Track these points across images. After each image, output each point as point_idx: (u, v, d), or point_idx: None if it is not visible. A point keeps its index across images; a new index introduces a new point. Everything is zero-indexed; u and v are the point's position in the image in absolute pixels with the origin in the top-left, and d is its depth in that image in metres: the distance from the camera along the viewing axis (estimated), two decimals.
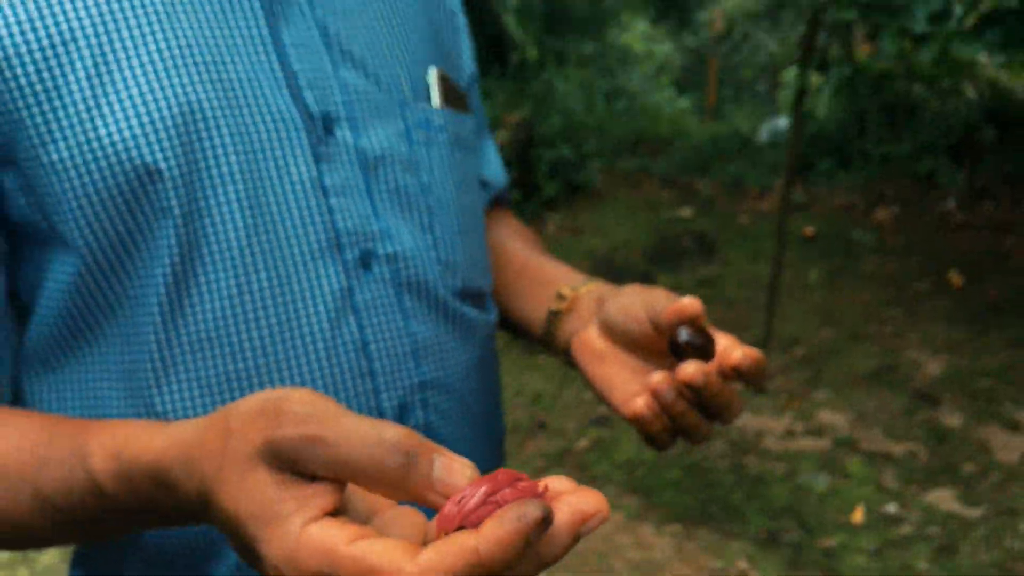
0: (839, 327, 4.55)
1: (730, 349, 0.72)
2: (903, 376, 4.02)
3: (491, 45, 7.14)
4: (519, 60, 7.53)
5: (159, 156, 0.66)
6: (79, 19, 0.66)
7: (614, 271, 5.06)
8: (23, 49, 0.65)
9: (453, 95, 0.86)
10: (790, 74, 8.96)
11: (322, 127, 0.73)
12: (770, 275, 4.00)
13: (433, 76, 0.84)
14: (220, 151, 0.68)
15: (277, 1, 0.73)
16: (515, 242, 1.00)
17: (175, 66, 0.67)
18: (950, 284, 4.88)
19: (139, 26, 0.67)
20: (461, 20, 0.96)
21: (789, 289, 4.84)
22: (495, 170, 1.01)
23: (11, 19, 0.65)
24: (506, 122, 5.74)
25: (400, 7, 0.83)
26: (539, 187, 6.04)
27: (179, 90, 0.67)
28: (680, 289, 4.99)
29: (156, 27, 0.67)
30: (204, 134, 0.68)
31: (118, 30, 0.67)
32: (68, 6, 0.66)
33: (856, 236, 5.44)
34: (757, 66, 13.62)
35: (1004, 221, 5.41)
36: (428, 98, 0.83)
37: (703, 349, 0.73)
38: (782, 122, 7.01)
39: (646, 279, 5.04)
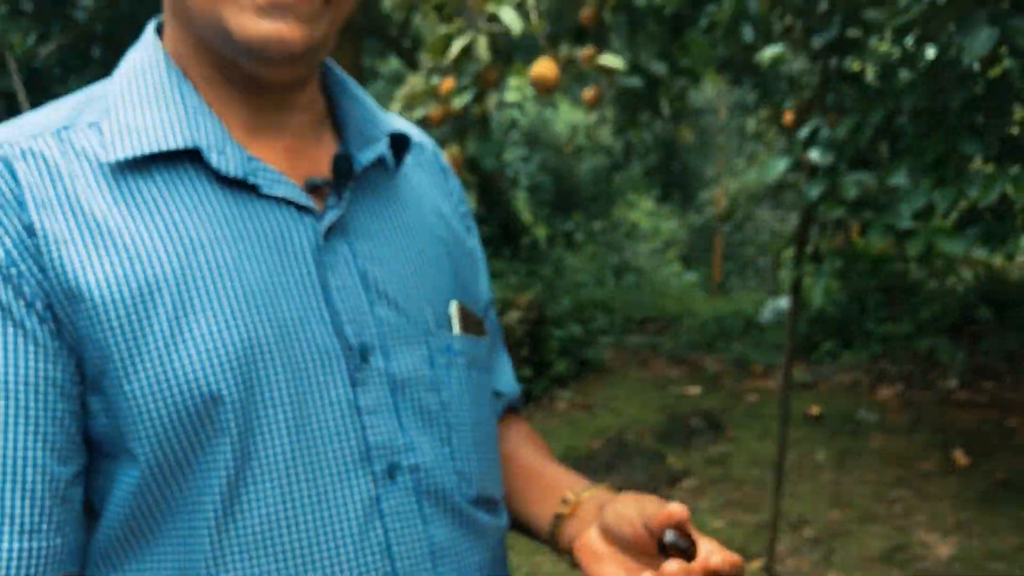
0: (848, 508, 4.57)
1: (712, 553, 0.80)
2: (914, 558, 4.02)
3: (503, 228, 7.46)
4: (529, 242, 7.84)
5: (223, 385, 0.78)
6: (163, 272, 0.78)
7: (625, 450, 5.13)
8: (117, 298, 0.77)
9: (471, 322, 1.00)
10: (789, 254, 9.25)
11: (359, 356, 0.85)
12: (777, 456, 4.07)
13: (454, 308, 0.97)
14: (273, 379, 0.80)
15: (326, 252, 0.85)
16: (525, 449, 1.12)
17: (240, 309, 0.79)
18: (956, 463, 4.92)
19: (212, 277, 0.79)
20: (479, 255, 1.11)
21: (797, 469, 4.88)
22: (508, 381, 1.13)
23: (106, 273, 0.77)
24: (517, 303, 5.95)
25: (428, 252, 0.97)
26: (549, 364, 6.19)
27: (242, 330, 0.79)
28: (690, 468, 5.03)
29: (226, 277, 0.80)
30: (261, 365, 0.80)
31: (194, 280, 0.79)
32: (155, 261, 0.78)
33: (861, 415, 5.52)
34: (760, 244, 14.02)
35: (1006, 399, 5.50)
36: (449, 327, 0.95)
37: (686, 551, 0.83)
38: (783, 302, 7.21)
39: (656, 458, 5.10)
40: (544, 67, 2.45)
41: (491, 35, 2.87)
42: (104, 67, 6.62)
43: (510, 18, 2.25)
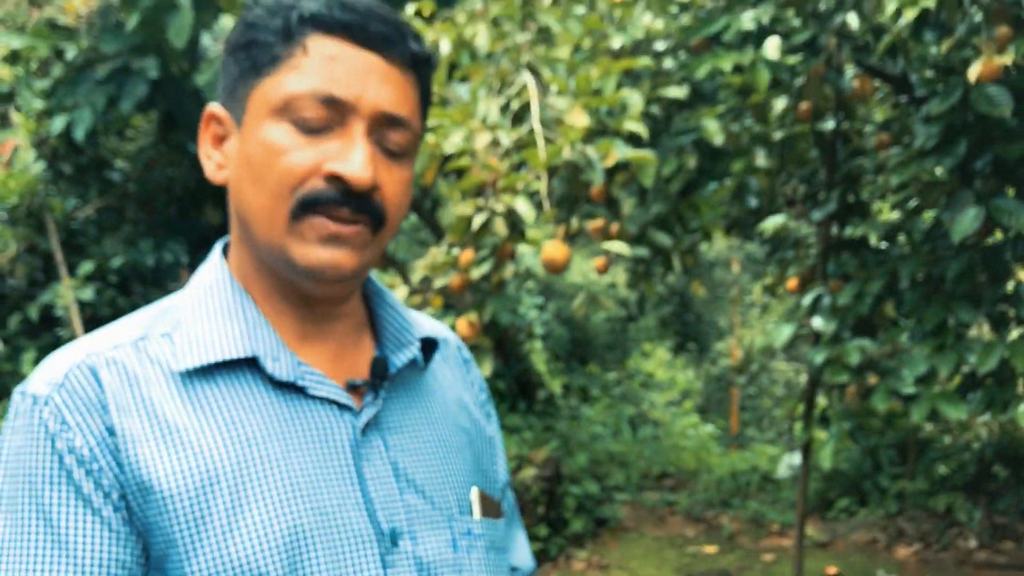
0: None
1: None
2: None
3: (518, 382, 7.58)
4: (545, 395, 7.94)
5: (270, 566, 0.89)
6: (222, 465, 0.90)
7: None
8: (182, 490, 0.88)
9: (489, 506, 1.11)
10: (793, 411, 9.28)
11: (389, 540, 0.96)
12: None
13: (474, 494, 1.08)
14: (314, 561, 0.92)
15: (363, 444, 0.97)
16: None
17: (287, 498, 0.91)
18: None
19: (263, 469, 0.91)
20: (498, 440, 1.23)
21: None
22: (524, 557, 1.23)
23: (173, 468, 0.89)
24: (533, 460, 6.01)
25: (452, 442, 1.09)
26: (566, 523, 6.19)
27: (289, 518, 0.91)
28: None
29: (275, 469, 0.91)
30: (304, 547, 0.91)
31: (249, 473, 0.90)
32: (216, 456, 0.90)
33: (879, 575, 5.46)
34: (776, 396, 14.04)
35: None
36: (471, 511, 1.06)
37: None
38: (798, 458, 7.23)
39: None
40: (554, 250, 2.63)
41: (508, 212, 3.09)
42: (135, 226, 6.93)
43: (525, 210, 2.45)
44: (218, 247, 1.06)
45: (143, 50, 5.83)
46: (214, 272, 1.02)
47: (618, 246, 2.73)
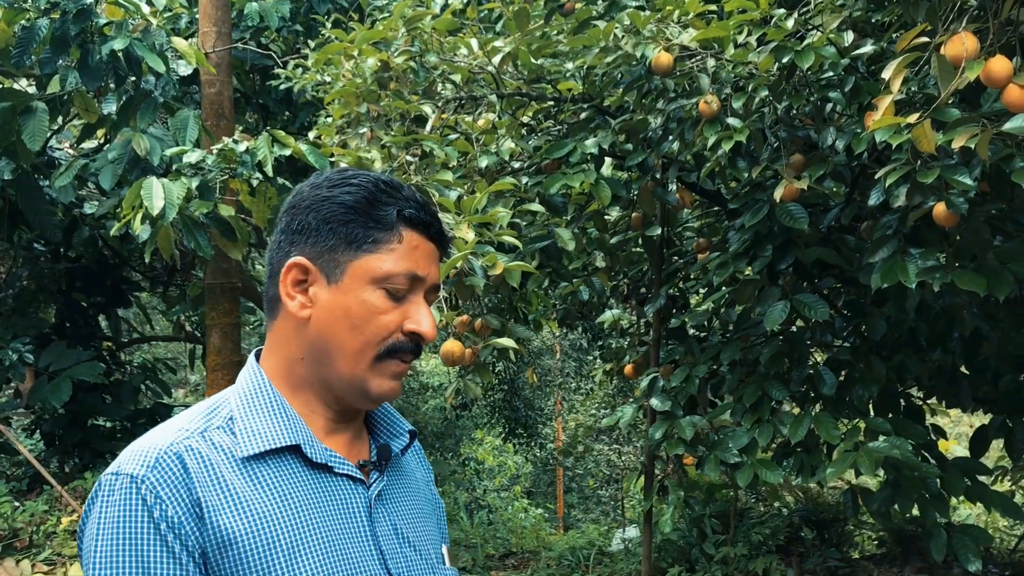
0: None
1: None
2: None
3: None
4: None
5: None
6: (280, 527, 1.17)
7: None
8: (252, 546, 1.15)
9: (451, 558, 1.46)
10: (634, 486, 9.92)
11: None
12: None
13: (444, 550, 1.44)
14: None
15: (375, 511, 1.27)
16: None
17: (328, 552, 1.19)
18: None
19: (309, 530, 1.19)
20: (442, 507, 1.58)
21: None
22: None
23: (245, 529, 1.15)
24: None
25: (425, 511, 1.43)
26: None
27: (330, 565, 1.18)
28: None
29: (317, 530, 1.19)
30: None
31: (299, 533, 1.18)
32: (274, 520, 1.17)
33: None
34: (600, 476, 14.71)
35: None
36: (444, 563, 1.41)
37: None
38: (632, 531, 7.77)
39: None
40: (452, 345, 3.05)
41: None
42: None
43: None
44: (252, 355, 1.34)
45: None
46: (254, 378, 1.29)
47: (505, 341, 3.16)
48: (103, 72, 5.41)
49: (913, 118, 2.77)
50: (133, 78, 5.58)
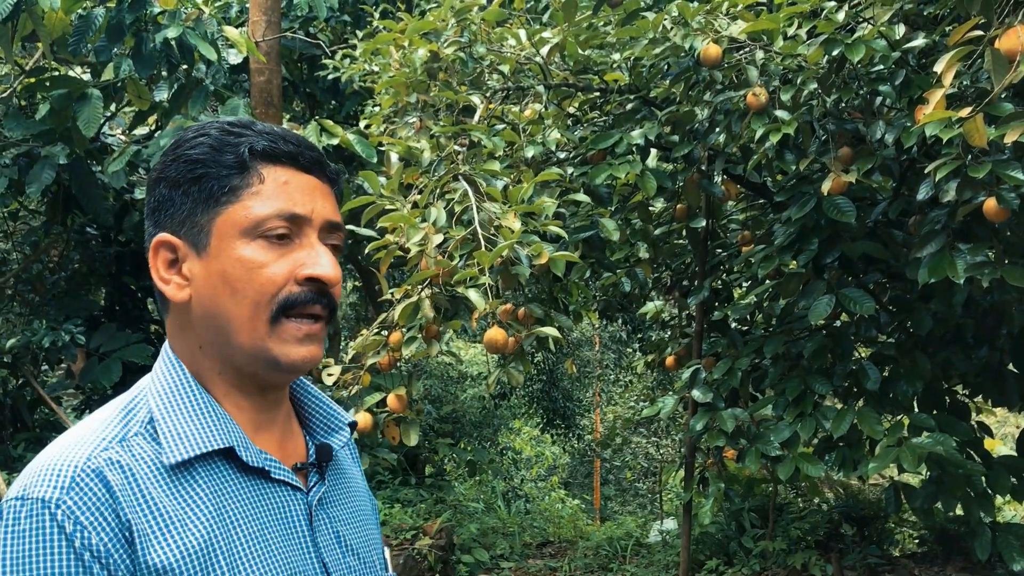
0: None
1: None
2: None
3: (407, 457, 7.88)
4: (434, 470, 8.26)
5: None
6: (216, 544, 1.03)
7: None
8: (186, 568, 1.01)
9: (391, 562, 1.52)
10: (672, 478, 9.93)
11: None
12: None
13: (387, 554, 1.41)
14: None
15: (316, 518, 1.16)
16: None
17: (267, 563, 1.07)
18: None
19: (247, 544, 1.06)
20: (375, 504, 1.48)
21: None
22: None
23: (176, 549, 1.01)
24: (427, 531, 6.32)
25: (365, 512, 1.29)
26: None
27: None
28: None
29: (256, 544, 1.07)
30: None
31: (236, 548, 1.05)
32: (209, 537, 1.03)
33: None
34: (638, 469, 14.71)
35: None
36: (386, 568, 1.31)
37: None
38: (669, 523, 7.78)
39: None
40: (496, 333, 3.08)
41: (433, 297, 3.51)
42: (25, 306, 6.85)
43: (477, 299, 2.88)
44: (166, 348, 1.16)
45: (50, 136, 6.00)
46: (173, 373, 1.12)
47: (549, 330, 3.19)
48: (156, 60, 5.50)
49: (965, 112, 2.75)
50: (185, 66, 5.68)
